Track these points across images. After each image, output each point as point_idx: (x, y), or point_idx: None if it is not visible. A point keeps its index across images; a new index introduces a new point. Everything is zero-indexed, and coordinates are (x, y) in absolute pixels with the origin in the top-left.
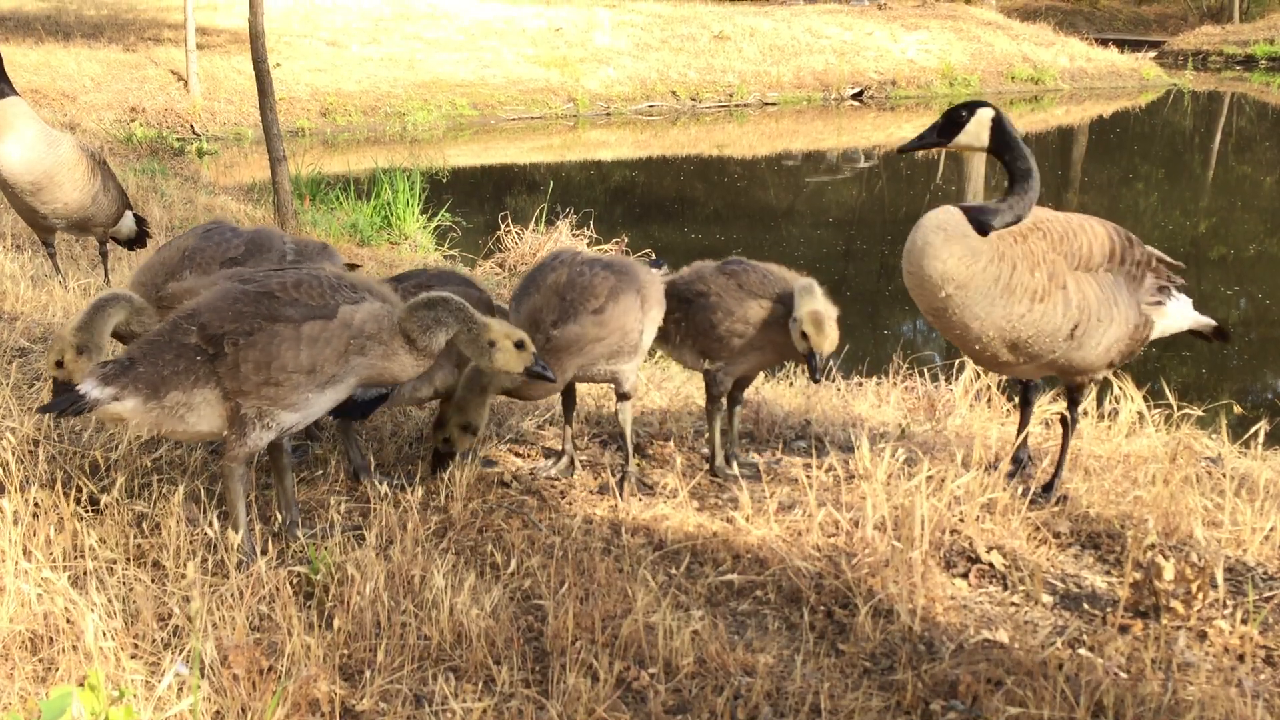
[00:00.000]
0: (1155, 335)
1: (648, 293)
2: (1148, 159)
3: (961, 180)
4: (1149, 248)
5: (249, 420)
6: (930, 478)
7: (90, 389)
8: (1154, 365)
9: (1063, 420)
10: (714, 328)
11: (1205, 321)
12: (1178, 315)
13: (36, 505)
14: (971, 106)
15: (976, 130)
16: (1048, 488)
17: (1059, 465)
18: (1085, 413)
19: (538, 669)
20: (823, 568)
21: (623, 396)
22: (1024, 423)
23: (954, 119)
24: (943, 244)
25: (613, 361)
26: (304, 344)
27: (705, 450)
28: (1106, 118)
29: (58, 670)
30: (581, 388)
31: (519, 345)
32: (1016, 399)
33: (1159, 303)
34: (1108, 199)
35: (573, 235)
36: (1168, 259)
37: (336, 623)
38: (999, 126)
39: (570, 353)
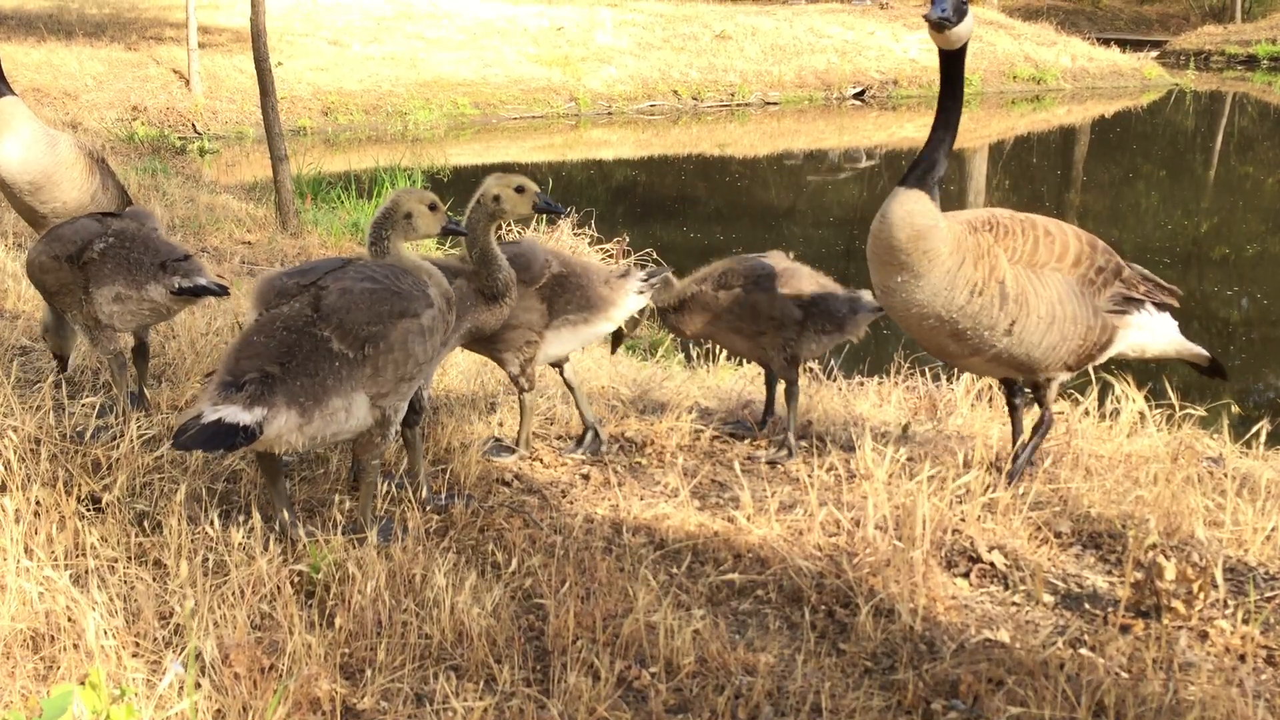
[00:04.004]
0: (1133, 353)
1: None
2: (1149, 159)
3: (963, 179)
4: (1137, 266)
5: (389, 418)
6: (932, 477)
7: (235, 416)
8: (1155, 365)
9: (1039, 419)
10: None
11: (1196, 350)
12: (1154, 332)
13: (38, 503)
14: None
15: (967, 30)
16: (1010, 475)
17: (1020, 456)
18: (1087, 412)
19: (539, 668)
20: (824, 567)
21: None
22: (1017, 426)
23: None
24: (920, 240)
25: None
26: (426, 335)
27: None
28: (1108, 117)
29: (59, 669)
30: (590, 383)
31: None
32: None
33: (1122, 312)
34: (1109, 198)
35: (574, 234)
36: (1162, 282)
37: (338, 621)
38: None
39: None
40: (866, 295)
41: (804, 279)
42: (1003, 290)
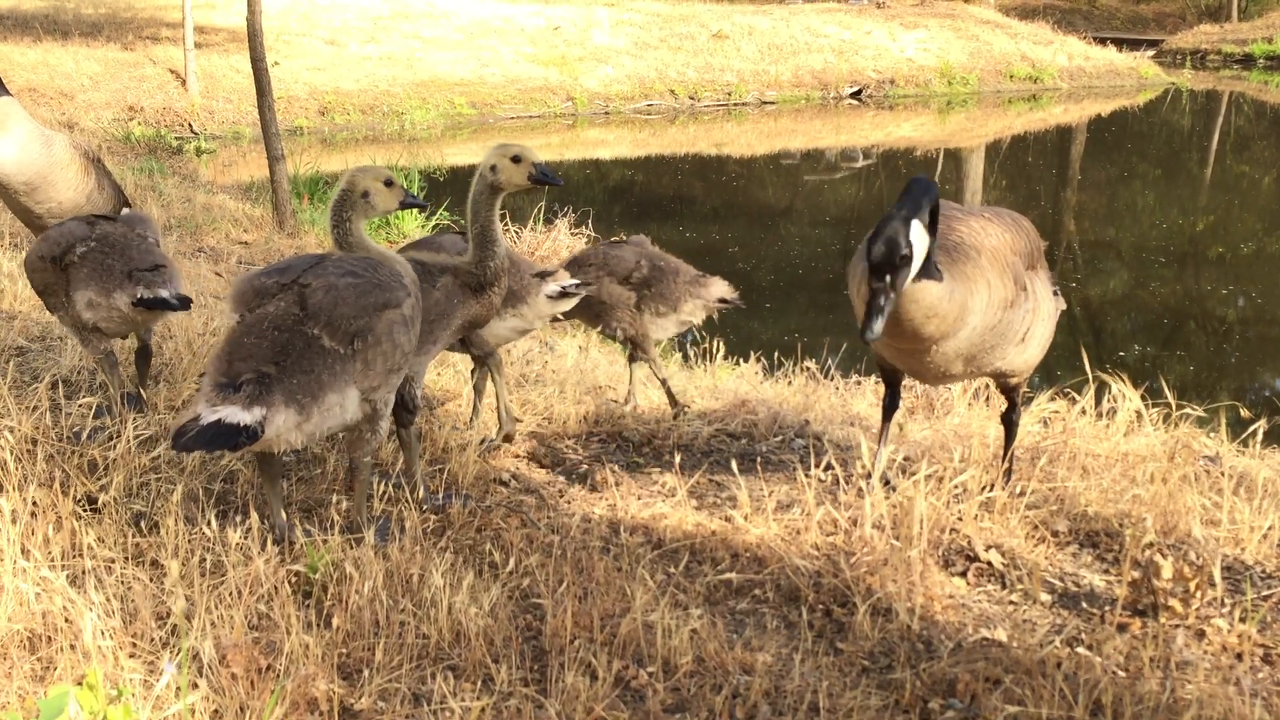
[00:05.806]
0: None
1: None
2: (1145, 158)
3: (960, 179)
4: None
5: (379, 411)
6: (929, 476)
7: (236, 416)
8: (1151, 364)
9: (1005, 422)
10: None
11: None
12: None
13: (35, 504)
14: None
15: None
16: (1007, 473)
17: (1008, 469)
18: (1084, 411)
19: (536, 668)
20: (821, 566)
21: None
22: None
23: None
24: (948, 316)
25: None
26: (408, 324)
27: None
28: (1105, 116)
29: (56, 669)
30: (588, 381)
31: (388, 183)
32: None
33: (1056, 292)
34: (1105, 197)
35: (571, 234)
36: None
37: (335, 621)
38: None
39: None
40: (717, 285)
41: (641, 264)
42: (1026, 297)
